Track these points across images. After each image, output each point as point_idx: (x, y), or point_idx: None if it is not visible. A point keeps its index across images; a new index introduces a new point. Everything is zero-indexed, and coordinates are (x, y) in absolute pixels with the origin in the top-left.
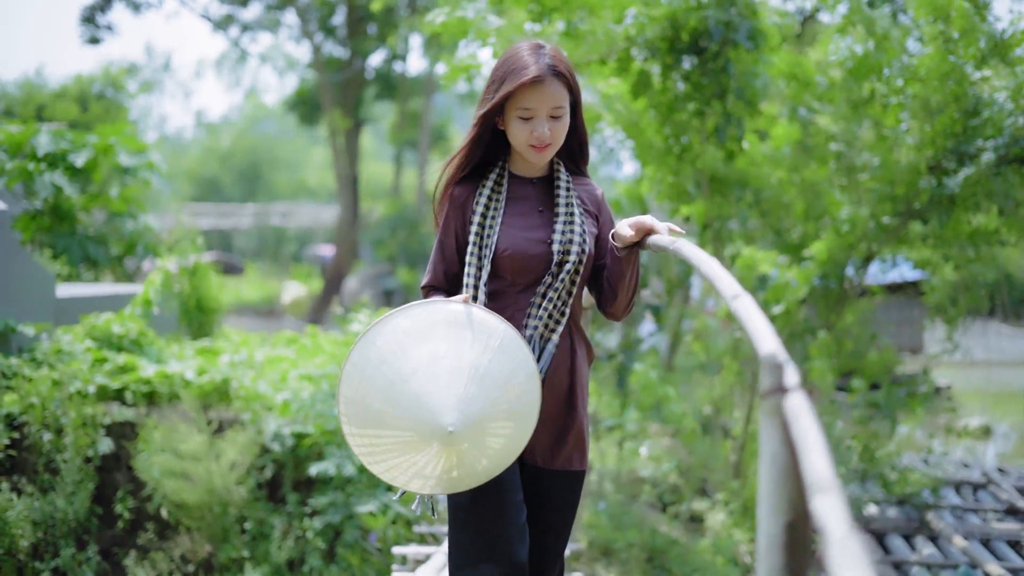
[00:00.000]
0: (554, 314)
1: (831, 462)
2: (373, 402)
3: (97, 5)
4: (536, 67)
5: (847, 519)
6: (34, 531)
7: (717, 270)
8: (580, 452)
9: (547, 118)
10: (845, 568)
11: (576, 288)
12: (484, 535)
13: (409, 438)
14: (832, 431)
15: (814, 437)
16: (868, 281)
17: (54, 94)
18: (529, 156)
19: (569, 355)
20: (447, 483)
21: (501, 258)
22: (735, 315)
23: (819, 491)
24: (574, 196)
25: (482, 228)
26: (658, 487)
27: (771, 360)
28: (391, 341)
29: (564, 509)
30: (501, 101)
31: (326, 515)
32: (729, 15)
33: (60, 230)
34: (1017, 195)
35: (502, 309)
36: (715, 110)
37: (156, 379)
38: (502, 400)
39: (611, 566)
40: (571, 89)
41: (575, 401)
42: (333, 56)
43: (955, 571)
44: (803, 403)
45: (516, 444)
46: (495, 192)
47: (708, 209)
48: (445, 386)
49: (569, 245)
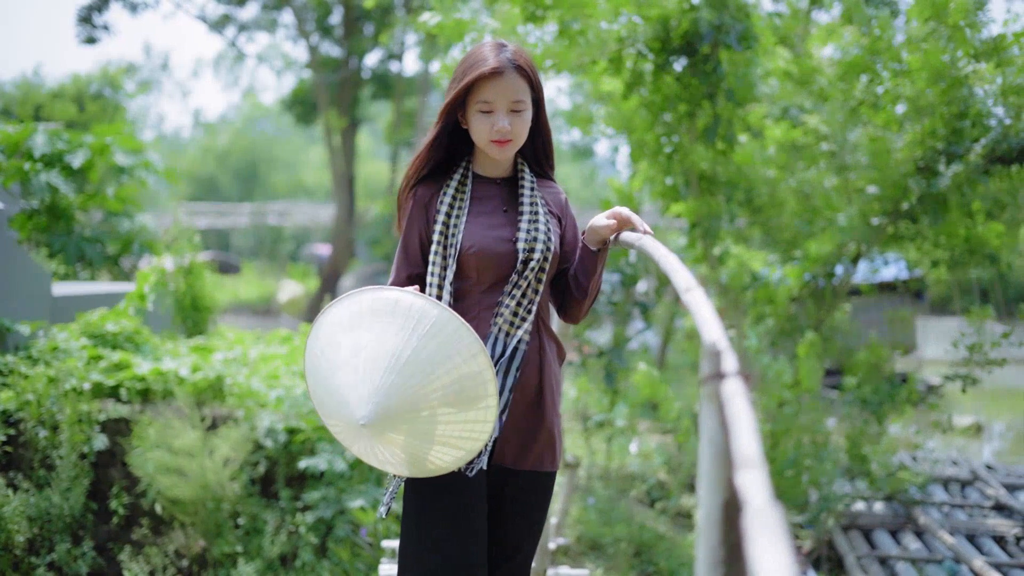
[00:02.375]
0: (520, 312)
1: (758, 441)
2: (320, 393)
3: (94, 5)
4: (496, 60)
5: (767, 491)
6: (30, 526)
7: (675, 264)
8: (551, 452)
9: (507, 112)
10: (762, 534)
11: (542, 287)
12: (430, 537)
13: (344, 428)
14: (819, 427)
15: (745, 418)
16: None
17: (51, 94)
18: (491, 152)
19: (538, 353)
20: (413, 469)
21: (466, 256)
22: (687, 307)
23: (744, 466)
24: (539, 196)
25: (446, 227)
26: (646, 483)
27: (712, 348)
28: (327, 334)
29: (533, 510)
30: (461, 94)
31: (318, 510)
32: (721, 18)
33: (57, 229)
34: (1004, 198)
35: (468, 308)
36: (705, 111)
37: (151, 376)
38: (431, 387)
39: (599, 560)
40: (532, 85)
41: (544, 400)
42: (330, 56)
43: (940, 566)
44: (739, 387)
45: (480, 428)
46: (459, 191)
47: (698, 208)
48: (361, 379)
49: (534, 243)
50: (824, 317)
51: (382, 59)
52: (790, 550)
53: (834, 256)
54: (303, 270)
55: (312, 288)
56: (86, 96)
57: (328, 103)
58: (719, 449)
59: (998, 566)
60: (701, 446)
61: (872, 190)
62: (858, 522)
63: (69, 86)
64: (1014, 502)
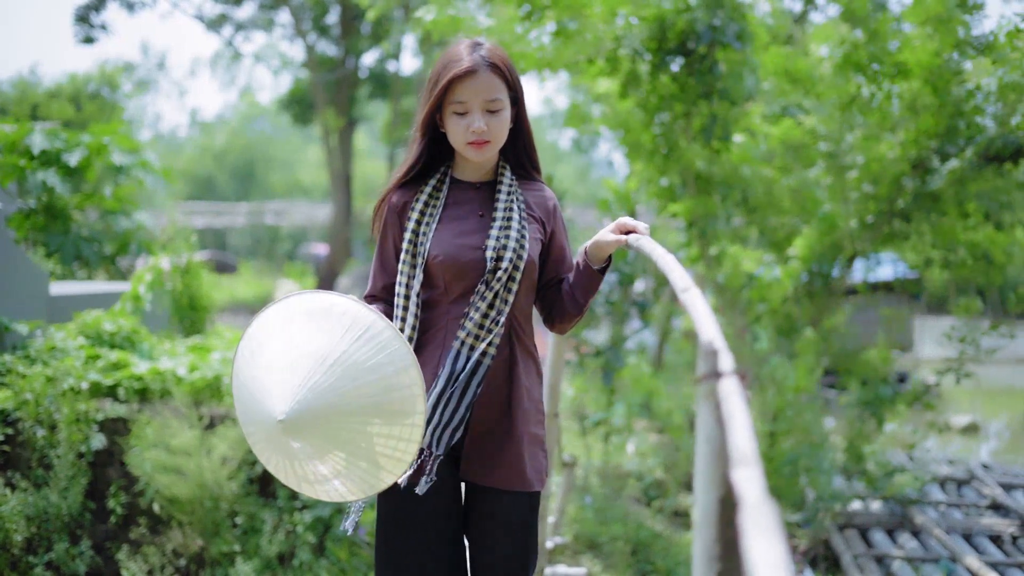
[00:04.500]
0: (487, 324)
1: (754, 439)
2: (243, 397)
3: (91, 4)
4: (469, 59)
5: (762, 488)
6: (28, 526)
7: (672, 264)
8: (519, 471)
9: (483, 112)
10: (756, 530)
11: (512, 296)
12: (392, 563)
13: (261, 433)
14: (817, 427)
15: (741, 416)
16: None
17: (48, 93)
18: (468, 154)
19: (507, 366)
20: (328, 489)
21: (433, 265)
22: (684, 306)
23: (740, 464)
24: (516, 200)
25: (415, 235)
26: (643, 481)
27: (708, 347)
28: (258, 336)
29: (509, 531)
30: (438, 98)
31: (316, 509)
32: (718, 18)
33: (54, 229)
34: (999, 197)
35: (436, 319)
36: (701, 110)
37: (148, 376)
38: (357, 392)
39: (596, 559)
40: (509, 85)
41: (514, 415)
42: (327, 55)
43: (936, 565)
44: (734, 386)
45: (404, 448)
46: (432, 198)
47: (694, 208)
48: (284, 378)
49: (503, 251)
50: (820, 317)
51: (379, 58)
52: (785, 545)
53: (829, 255)
54: (300, 270)
55: (309, 288)
56: (83, 96)
57: (325, 102)
58: (715, 447)
59: (994, 565)
60: (698, 444)
61: (867, 188)
62: (855, 521)
63: (66, 85)
64: (1010, 501)
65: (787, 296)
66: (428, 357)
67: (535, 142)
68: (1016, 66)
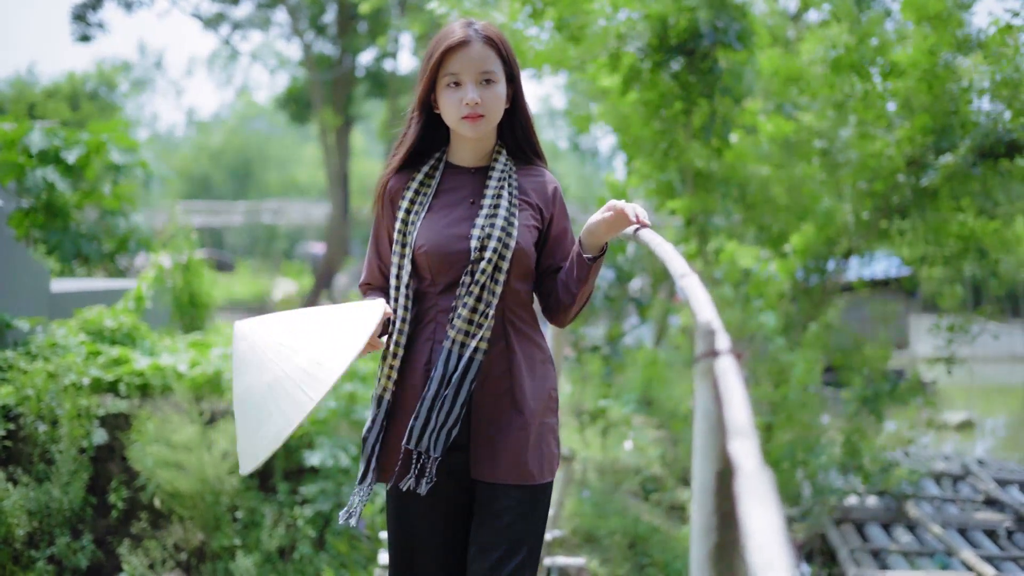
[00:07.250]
0: (476, 319)
1: (750, 412)
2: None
3: (88, 3)
4: (462, 32)
5: (758, 458)
6: (30, 520)
7: (670, 252)
8: (522, 464)
9: (476, 83)
10: (753, 497)
11: (501, 287)
12: (396, 549)
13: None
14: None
15: (737, 391)
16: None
17: (45, 92)
18: (463, 130)
19: (504, 358)
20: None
21: (418, 255)
22: (683, 292)
23: (737, 435)
24: (507, 185)
25: (405, 224)
26: (641, 475)
27: (706, 327)
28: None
29: (514, 525)
30: (432, 73)
31: (316, 503)
32: (720, 17)
33: (53, 226)
34: (994, 194)
35: (425, 312)
36: (702, 108)
37: (149, 371)
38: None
39: (594, 552)
40: (504, 59)
41: (521, 407)
42: (324, 54)
43: (931, 559)
44: (731, 364)
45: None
46: (424, 184)
47: (693, 204)
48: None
49: (487, 240)
50: (816, 314)
51: (376, 57)
52: (779, 511)
53: (825, 252)
54: (297, 268)
55: (306, 286)
56: (81, 94)
57: (322, 101)
58: (712, 422)
59: (989, 559)
60: (696, 420)
61: (863, 186)
62: (851, 516)
63: (64, 84)
64: (1005, 496)
65: (783, 292)
66: (418, 351)
67: (534, 126)
68: (1009, 62)
